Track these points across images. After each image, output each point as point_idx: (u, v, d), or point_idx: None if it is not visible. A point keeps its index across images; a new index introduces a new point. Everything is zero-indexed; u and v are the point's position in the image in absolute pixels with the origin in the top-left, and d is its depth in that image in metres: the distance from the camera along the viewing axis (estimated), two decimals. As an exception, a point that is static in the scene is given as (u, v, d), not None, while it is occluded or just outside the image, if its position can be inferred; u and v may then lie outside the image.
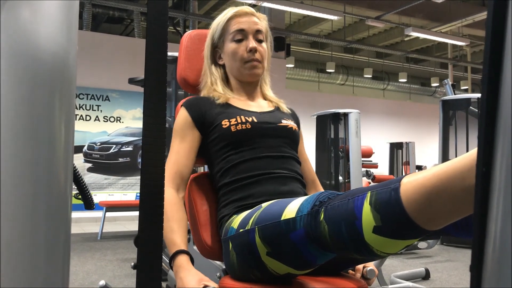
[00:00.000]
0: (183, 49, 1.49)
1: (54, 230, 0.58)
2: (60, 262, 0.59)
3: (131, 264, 1.13)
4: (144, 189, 0.68)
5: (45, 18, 0.58)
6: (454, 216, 0.77)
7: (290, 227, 0.97)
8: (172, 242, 1.16)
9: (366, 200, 0.82)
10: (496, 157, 0.39)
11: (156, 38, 0.69)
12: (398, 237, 0.82)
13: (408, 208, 0.76)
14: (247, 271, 1.12)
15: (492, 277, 0.38)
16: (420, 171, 0.80)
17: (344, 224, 0.85)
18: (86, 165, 7.24)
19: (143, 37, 8.20)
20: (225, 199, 1.28)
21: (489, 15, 0.39)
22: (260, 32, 1.38)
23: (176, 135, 1.34)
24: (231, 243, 1.15)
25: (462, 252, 4.58)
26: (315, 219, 0.91)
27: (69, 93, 0.61)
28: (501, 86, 0.39)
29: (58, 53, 0.59)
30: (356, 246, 0.86)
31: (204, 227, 1.32)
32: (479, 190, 0.40)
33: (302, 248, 0.96)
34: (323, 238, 0.90)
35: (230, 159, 1.28)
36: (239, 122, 1.29)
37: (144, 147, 0.68)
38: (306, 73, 11.80)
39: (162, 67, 0.69)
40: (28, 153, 0.55)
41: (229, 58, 1.39)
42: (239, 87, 1.42)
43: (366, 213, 0.81)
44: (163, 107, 0.70)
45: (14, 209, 0.54)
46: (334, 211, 0.88)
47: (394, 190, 0.79)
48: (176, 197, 1.25)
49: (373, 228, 0.81)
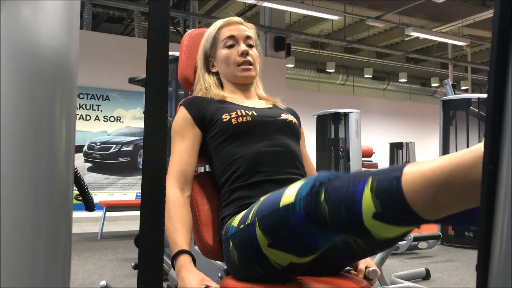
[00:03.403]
0: (184, 48, 1.50)
1: (55, 230, 0.58)
2: (61, 262, 0.59)
3: (131, 264, 1.13)
4: (145, 189, 0.68)
5: (46, 17, 0.57)
6: (454, 208, 0.77)
7: (290, 212, 0.96)
8: (175, 242, 1.16)
9: (367, 185, 0.82)
10: (502, 155, 0.39)
11: (158, 38, 0.68)
12: (397, 224, 0.82)
13: (409, 198, 0.76)
14: (248, 268, 1.11)
15: (499, 276, 0.38)
16: (423, 161, 0.79)
17: (344, 207, 0.85)
18: (86, 164, 7.24)
19: (143, 36, 8.20)
20: (226, 198, 1.27)
21: (495, 13, 0.39)
22: (250, 38, 1.43)
23: (176, 135, 1.33)
24: (232, 242, 1.14)
25: (462, 252, 4.58)
26: (315, 200, 0.90)
27: (70, 92, 0.61)
28: (508, 85, 0.39)
29: (59, 52, 0.58)
30: (355, 229, 0.87)
31: (206, 227, 1.30)
32: (485, 188, 0.40)
33: (302, 231, 0.95)
34: (323, 219, 0.89)
35: (231, 153, 1.27)
36: (239, 115, 1.30)
37: (145, 147, 0.68)
38: (306, 73, 11.80)
39: (163, 67, 0.69)
40: (29, 153, 0.55)
41: (223, 64, 1.42)
42: (235, 89, 1.44)
43: (366, 199, 0.81)
44: (165, 106, 0.70)
45: (15, 208, 0.53)
46: (334, 193, 0.87)
47: (396, 178, 0.78)
48: (180, 196, 1.25)
49: (373, 214, 0.81)
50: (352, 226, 0.86)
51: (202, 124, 1.33)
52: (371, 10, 9.11)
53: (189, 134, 1.32)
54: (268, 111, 1.38)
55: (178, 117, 1.36)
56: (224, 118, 1.30)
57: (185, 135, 1.32)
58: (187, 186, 1.29)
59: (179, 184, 1.26)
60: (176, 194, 1.24)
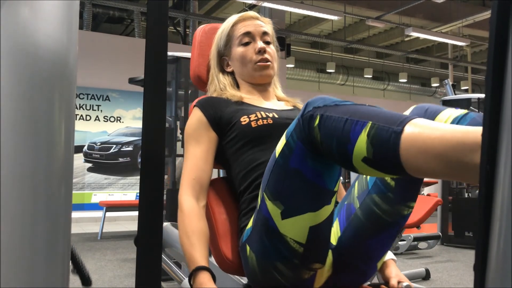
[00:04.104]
0: (197, 44, 1.40)
1: (54, 230, 0.58)
2: (60, 262, 0.59)
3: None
4: (143, 189, 0.68)
5: (45, 17, 0.57)
6: (442, 177, 0.77)
7: (286, 154, 0.92)
8: (192, 258, 1.07)
9: (365, 129, 0.80)
10: (500, 156, 0.39)
11: (156, 38, 0.68)
12: (383, 171, 0.82)
13: (403, 157, 0.76)
14: (269, 269, 1.03)
15: (496, 277, 0.38)
16: (427, 122, 0.77)
17: (337, 142, 0.83)
18: (86, 165, 7.24)
19: (143, 37, 8.20)
20: (246, 206, 1.17)
21: (493, 14, 0.39)
22: (267, 34, 1.34)
23: (190, 138, 1.23)
24: (249, 246, 1.07)
25: (462, 252, 4.58)
26: (308, 124, 0.87)
27: (69, 92, 0.61)
28: (505, 85, 0.39)
29: (58, 52, 0.58)
30: (342, 163, 0.86)
31: (224, 239, 1.19)
32: (483, 188, 0.40)
33: (304, 169, 0.91)
34: (316, 143, 0.87)
35: (252, 159, 1.18)
36: (259, 117, 1.20)
37: (144, 147, 0.68)
38: (307, 73, 11.80)
39: (162, 67, 0.69)
40: (28, 153, 0.55)
41: (238, 62, 1.33)
42: (252, 90, 1.34)
43: (361, 142, 0.80)
44: (163, 107, 0.70)
45: (14, 209, 0.53)
46: (329, 124, 0.84)
47: (395, 133, 0.77)
48: (196, 206, 1.15)
49: (363, 157, 0.80)
50: (340, 159, 0.85)
51: (219, 127, 1.23)
52: (371, 10, 9.11)
53: (204, 138, 1.22)
54: (290, 113, 1.28)
55: (192, 119, 1.25)
56: (243, 121, 1.20)
57: (200, 138, 1.22)
58: (203, 195, 1.19)
59: (194, 192, 1.17)
60: (191, 204, 1.15)
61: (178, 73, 3.77)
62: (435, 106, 1.10)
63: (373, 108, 0.85)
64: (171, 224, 1.63)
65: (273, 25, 1.39)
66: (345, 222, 1.08)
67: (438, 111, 1.07)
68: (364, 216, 1.06)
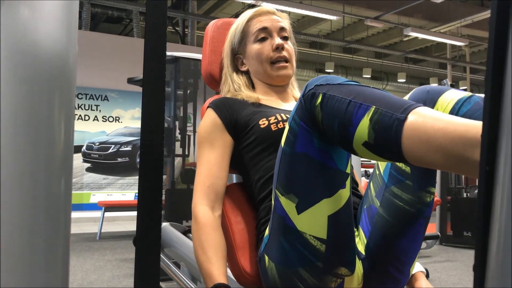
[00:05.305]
0: (209, 41, 1.32)
1: (54, 230, 0.58)
2: (59, 262, 0.59)
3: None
4: (142, 189, 0.68)
5: (44, 17, 0.57)
6: (442, 168, 0.77)
7: (291, 141, 0.89)
8: (208, 274, 1.00)
9: (368, 113, 0.78)
10: (499, 156, 0.39)
11: (155, 38, 0.68)
12: (382, 157, 0.81)
13: (404, 145, 0.75)
14: (291, 278, 0.96)
15: (496, 277, 0.38)
16: (431, 112, 0.76)
17: (338, 123, 0.81)
18: (85, 165, 7.24)
19: (142, 37, 8.19)
20: (265, 214, 1.09)
21: (492, 14, 0.39)
22: (284, 30, 1.25)
23: (203, 142, 1.16)
24: (267, 255, 1.00)
25: (461, 252, 4.58)
26: (310, 102, 0.85)
27: (69, 92, 0.61)
28: (505, 85, 0.39)
29: (57, 52, 0.58)
30: (342, 144, 0.84)
31: (242, 250, 1.10)
32: (482, 189, 0.40)
33: (312, 152, 0.88)
34: (317, 121, 0.85)
35: (271, 165, 1.09)
36: (279, 120, 1.12)
37: (143, 147, 0.68)
38: (305, 73, 11.80)
39: (161, 67, 0.69)
40: (28, 153, 0.55)
41: (254, 61, 1.25)
42: (268, 90, 1.27)
43: (363, 126, 0.79)
44: (162, 107, 0.70)
45: (14, 209, 0.53)
46: (332, 104, 0.82)
47: (398, 121, 0.75)
48: (211, 216, 1.08)
49: (364, 142, 0.79)
50: (340, 141, 0.84)
51: (234, 130, 1.16)
52: (369, 10, 9.12)
53: (219, 142, 1.15)
54: None
55: (206, 121, 1.17)
56: (261, 124, 1.12)
57: (215, 142, 1.14)
58: (218, 203, 1.11)
59: (209, 201, 1.09)
60: (206, 214, 1.07)
61: (177, 73, 3.78)
62: (437, 87, 1.06)
63: (377, 91, 0.82)
64: (170, 224, 1.63)
65: (289, 20, 1.31)
66: (369, 226, 1.03)
67: (441, 92, 1.03)
68: (387, 213, 1.01)
